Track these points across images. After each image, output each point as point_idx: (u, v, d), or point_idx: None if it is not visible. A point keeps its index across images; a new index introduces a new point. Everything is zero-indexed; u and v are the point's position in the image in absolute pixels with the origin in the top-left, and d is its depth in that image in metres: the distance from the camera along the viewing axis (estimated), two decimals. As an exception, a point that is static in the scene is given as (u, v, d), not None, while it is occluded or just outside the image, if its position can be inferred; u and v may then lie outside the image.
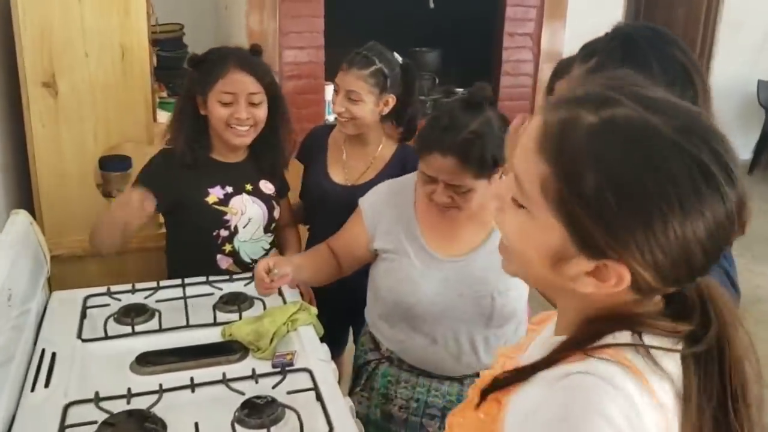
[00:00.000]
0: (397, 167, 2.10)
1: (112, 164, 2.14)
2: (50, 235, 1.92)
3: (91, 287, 1.85)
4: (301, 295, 1.90)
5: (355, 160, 2.14)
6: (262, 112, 1.89)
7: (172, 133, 1.91)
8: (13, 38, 1.86)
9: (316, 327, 1.71)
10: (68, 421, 1.32)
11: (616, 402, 0.68)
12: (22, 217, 1.73)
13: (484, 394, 0.82)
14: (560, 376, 0.72)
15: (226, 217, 1.91)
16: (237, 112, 1.84)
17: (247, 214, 1.94)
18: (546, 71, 4.35)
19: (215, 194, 1.91)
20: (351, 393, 1.83)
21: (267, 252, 2.01)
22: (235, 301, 1.77)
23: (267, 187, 1.99)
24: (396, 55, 2.09)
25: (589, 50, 1.13)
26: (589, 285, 0.72)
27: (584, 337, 0.74)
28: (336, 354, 2.00)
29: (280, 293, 1.81)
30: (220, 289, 1.86)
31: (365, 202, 1.77)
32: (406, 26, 4.21)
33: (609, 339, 0.73)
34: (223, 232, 1.92)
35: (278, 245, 2.12)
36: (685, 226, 0.66)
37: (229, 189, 1.92)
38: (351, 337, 2.36)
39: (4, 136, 2.01)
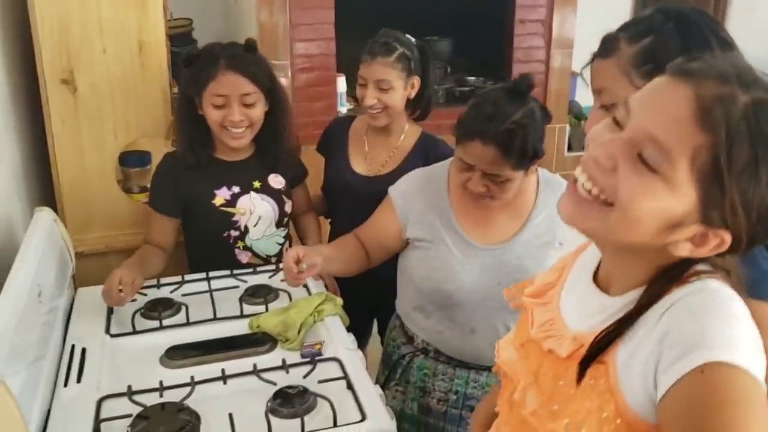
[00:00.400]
0: (419, 157, 2.09)
1: (132, 160, 2.14)
2: (72, 232, 1.92)
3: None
4: (326, 286, 1.90)
5: (377, 151, 2.13)
6: (257, 112, 1.84)
7: (175, 134, 1.90)
8: (31, 36, 1.86)
9: (342, 317, 1.71)
10: (103, 415, 1.33)
11: (740, 305, 0.75)
12: (46, 214, 1.74)
13: (585, 363, 0.82)
14: (671, 302, 0.77)
15: (235, 218, 1.90)
16: (230, 114, 1.79)
17: (256, 213, 1.92)
18: (557, 58, 4.33)
19: (222, 196, 1.89)
20: (385, 388, 1.81)
21: (282, 246, 2.00)
22: (261, 293, 1.78)
23: (277, 181, 1.97)
24: (408, 36, 2.08)
25: (641, 29, 1.08)
26: (685, 249, 0.77)
27: (676, 272, 0.79)
28: (360, 345, 1.99)
29: (305, 285, 1.81)
30: (245, 281, 1.87)
31: (396, 190, 1.75)
32: (416, 15, 4.18)
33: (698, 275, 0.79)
34: (234, 233, 1.91)
35: (297, 233, 2.11)
36: None
37: (236, 189, 1.91)
38: (375, 329, 2.36)
39: (24, 134, 2.02)
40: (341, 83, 3.95)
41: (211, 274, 1.89)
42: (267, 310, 1.71)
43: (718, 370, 0.70)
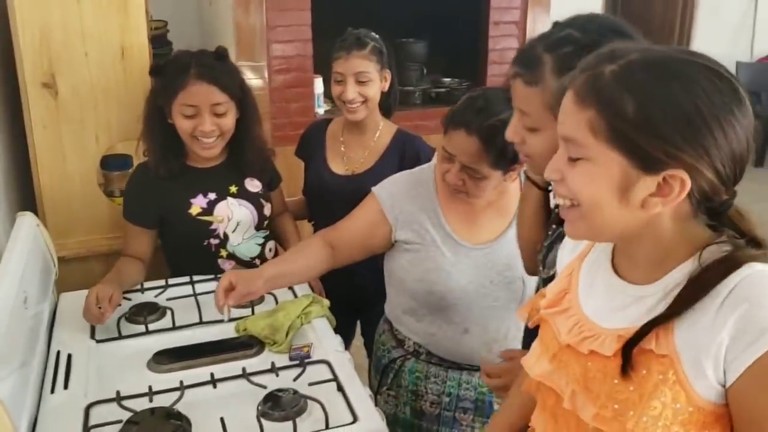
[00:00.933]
0: (396, 153, 2.13)
1: (113, 163, 2.13)
2: (54, 236, 1.90)
3: (96, 288, 1.85)
4: (311, 288, 1.91)
5: (354, 150, 2.16)
6: (228, 121, 1.82)
7: (145, 144, 1.86)
8: (12, 39, 1.84)
9: (329, 319, 1.72)
10: (92, 422, 1.33)
11: None
12: (29, 219, 1.73)
13: (628, 348, 0.86)
14: (728, 290, 0.81)
15: (213, 227, 1.88)
16: (201, 124, 1.77)
17: (234, 219, 1.90)
18: (532, 58, 4.38)
19: (198, 204, 1.87)
20: (377, 393, 1.82)
21: (262, 246, 1.99)
22: (247, 297, 1.77)
23: (253, 185, 1.96)
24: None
25: (566, 60, 1.09)
26: (656, 204, 0.83)
27: (729, 266, 0.82)
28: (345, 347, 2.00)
29: (291, 288, 1.82)
30: (230, 285, 1.86)
31: (383, 191, 1.73)
32: (392, 17, 4.20)
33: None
34: (213, 241, 1.90)
35: (276, 236, 2.11)
36: (720, 115, 0.80)
37: (212, 195, 1.89)
38: (358, 330, 2.37)
39: (5, 138, 1.99)
40: (318, 84, 3.95)
41: (195, 277, 1.89)
42: (253, 313, 1.71)
43: None
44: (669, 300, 0.85)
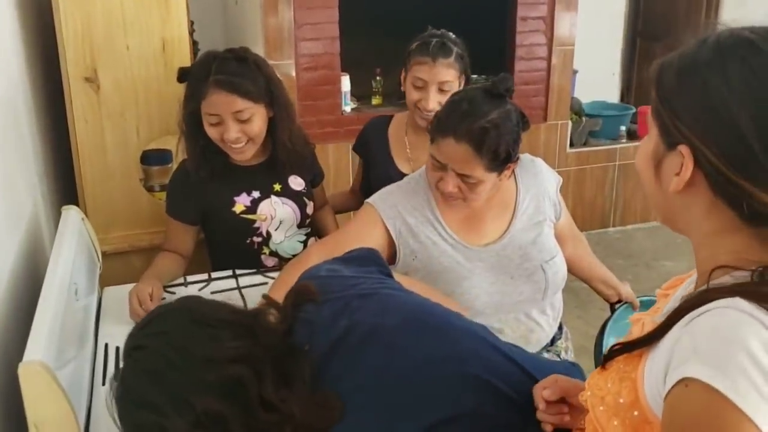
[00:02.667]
0: None
1: (154, 158, 2.13)
2: (96, 231, 1.90)
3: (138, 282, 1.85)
4: None
5: (419, 151, 2.11)
6: (254, 126, 1.77)
7: (185, 147, 1.84)
8: (55, 34, 1.85)
9: None
10: (145, 413, 1.32)
11: (758, 334, 0.70)
12: (74, 213, 1.73)
13: (608, 357, 0.86)
14: (700, 313, 0.75)
15: (256, 225, 1.88)
16: (225, 132, 1.74)
17: (277, 218, 1.90)
18: (559, 54, 4.36)
19: (242, 203, 1.86)
20: None
21: (304, 243, 1.99)
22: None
23: (296, 182, 1.95)
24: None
25: None
26: (674, 182, 0.82)
27: (716, 295, 0.76)
28: None
29: None
30: (272, 277, 1.86)
31: (383, 203, 1.67)
32: (417, 13, 4.19)
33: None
34: (256, 239, 1.89)
35: (316, 230, 2.10)
36: (739, 99, 0.76)
37: (256, 194, 1.88)
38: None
39: (48, 133, 2.01)
40: (345, 82, 3.95)
41: (238, 271, 1.88)
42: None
43: (700, 389, 0.69)
44: None
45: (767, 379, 0.68)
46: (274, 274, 1.87)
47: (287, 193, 1.92)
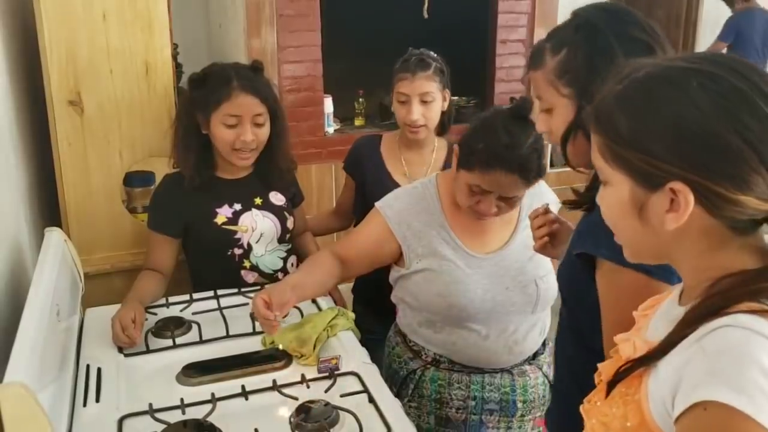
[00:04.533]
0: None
1: (136, 180, 2.14)
2: (78, 252, 1.91)
3: (120, 303, 1.85)
4: (334, 301, 1.92)
5: (415, 166, 2.20)
6: (265, 132, 1.88)
7: (177, 156, 1.89)
8: (39, 57, 1.87)
9: (354, 332, 1.73)
10: (126, 434, 1.33)
11: (766, 349, 0.72)
12: (57, 234, 1.74)
13: (612, 385, 0.87)
14: (704, 334, 0.76)
15: (237, 236, 1.91)
16: (242, 134, 1.82)
17: (258, 230, 1.93)
18: (539, 77, 4.42)
19: (223, 214, 1.90)
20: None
21: (285, 260, 2.02)
22: (272, 311, 1.79)
23: (277, 198, 1.99)
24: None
25: (557, 41, 1.22)
26: (671, 221, 0.81)
27: (717, 304, 0.78)
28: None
29: (314, 301, 1.83)
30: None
31: (389, 209, 1.75)
32: (400, 36, 4.24)
33: (742, 307, 0.77)
34: (237, 251, 1.92)
35: (298, 255, 2.12)
36: (715, 123, 0.77)
37: (238, 206, 1.92)
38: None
39: (31, 155, 2.02)
40: (328, 104, 3.99)
41: (219, 292, 1.90)
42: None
43: (720, 410, 0.71)
44: None
45: None
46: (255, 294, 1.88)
47: (268, 206, 1.96)
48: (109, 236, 2.04)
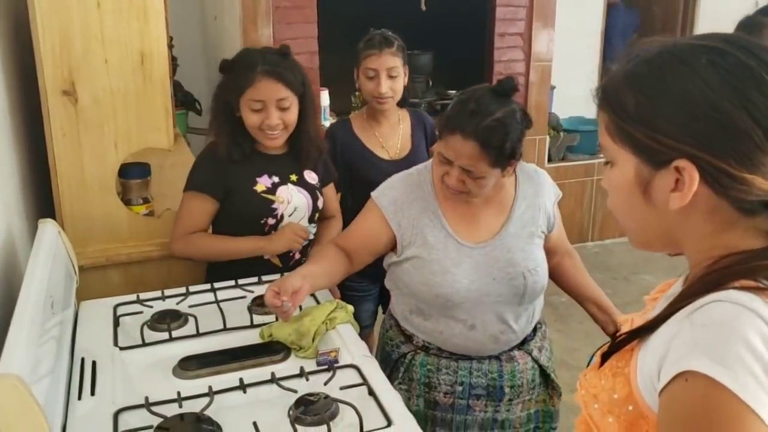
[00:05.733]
0: (420, 130, 2.42)
1: (132, 171, 2.12)
2: (73, 245, 1.88)
3: (115, 296, 1.84)
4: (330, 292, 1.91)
5: (390, 138, 2.42)
6: (292, 115, 1.93)
7: (214, 135, 1.96)
8: (32, 47, 1.84)
9: (353, 325, 1.71)
10: (121, 427, 1.31)
11: (756, 327, 0.71)
12: (50, 226, 1.71)
13: (606, 357, 0.87)
14: (695, 308, 0.76)
15: (274, 206, 1.96)
16: (267, 118, 1.89)
17: (293, 203, 2.00)
18: (536, 70, 4.40)
19: (263, 183, 1.97)
20: None
21: (310, 242, 2.06)
22: (270, 303, 1.77)
23: (311, 177, 2.07)
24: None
25: None
26: (676, 200, 0.81)
27: (713, 280, 0.78)
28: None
29: (312, 294, 1.81)
30: (251, 291, 1.86)
31: (384, 198, 1.77)
32: (398, 29, 4.22)
33: (737, 284, 0.76)
34: (271, 221, 1.97)
35: (318, 235, 2.15)
36: (720, 99, 0.76)
37: (276, 179, 1.99)
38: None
39: (25, 146, 1.99)
40: (324, 97, 3.96)
41: (216, 285, 1.88)
42: (277, 319, 1.70)
43: (700, 382, 0.70)
44: None
45: (766, 371, 0.69)
46: (253, 287, 1.87)
47: (302, 183, 2.04)
48: (104, 228, 2.01)
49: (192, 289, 1.87)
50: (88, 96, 1.90)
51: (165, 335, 1.65)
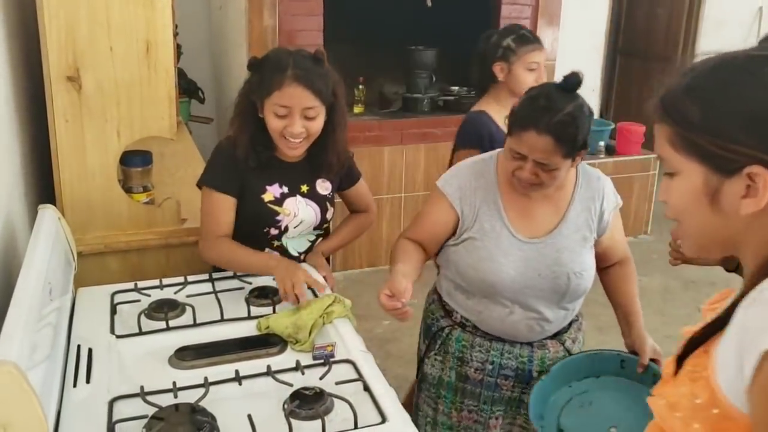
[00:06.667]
0: None
1: (134, 160, 2.12)
2: (72, 231, 1.88)
3: (113, 284, 1.83)
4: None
5: None
6: (317, 125, 1.83)
7: (234, 133, 1.87)
8: (38, 32, 1.84)
9: (350, 319, 1.71)
10: (116, 416, 1.31)
11: None
12: (50, 212, 1.72)
13: (681, 359, 0.88)
14: (760, 290, 0.78)
15: (279, 218, 1.91)
16: (291, 125, 1.78)
17: (299, 216, 1.93)
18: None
19: (272, 192, 1.90)
20: (425, 356, 1.97)
21: (312, 243, 2.03)
22: (267, 295, 1.77)
23: (324, 187, 1.98)
24: None
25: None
26: (748, 206, 0.82)
27: None
28: None
29: (310, 287, 1.81)
30: (249, 283, 1.86)
31: (449, 186, 1.82)
32: (403, 25, 4.22)
33: None
34: (273, 231, 1.92)
35: (345, 223, 2.16)
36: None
37: (285, 189, 1.92)
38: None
39: (27, 131, 1.99)
40: (328, 90, 3.95)
41: (215, 275, 1.88)
42: (274, 311, 1.71)
43: None
44: None
45: None
46: (251, 279, 1.87)
47: (312, 195, 1.96)
48: (104, 216, 2.01)
49: (190, 278, 1.88)
50: (93, 83, 1.90)
51: (162, 324, 1.65)
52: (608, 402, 1.76)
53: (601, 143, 4.82)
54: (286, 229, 1.94)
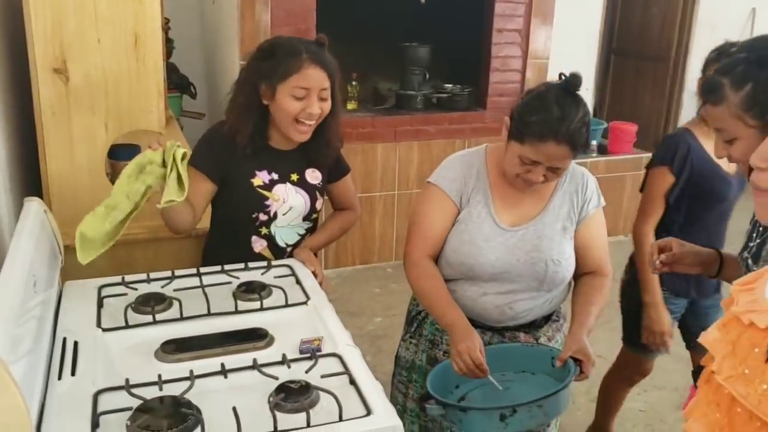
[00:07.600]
0: None
1: (122, 153, 2.10)
2: (59, 224, 1.87)
3: (101, 277, 1.83)
4: (315, 275, 1.91)
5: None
6: (328, 107, 1.89)
7: (233, 121, 1.90)
8: (24, 23, 1.82)
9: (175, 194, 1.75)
10: (100, 408, 1.30)
11: None
12: (36, 204, 1.71)
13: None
14: None
15: (268, 203, 1.94)
16: (309, 106, 1.84)
17: (288, 203, 1.97)
18: (533, 67, 4.40)
19: (261, 178, 1.93)
20: (402, 340, 2.02)
21: (302, 237, 2.04)
22: (255, 289, 1.76)
23: (314, 176, 2.02)
24: None
25: (739, 76, 1.37)
26: None
27: None
28: None
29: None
30: (237, 277, 1.85)
31: (443, 180, 1.84)
32: (397, 21, 4.21)
33: None
34: (262, 216, 1.94)
35: (328, 221, 2.15)
36: None
37: (275, 176, 1.95)
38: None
39: (13, 124, 1.98)
40: (320, 85, 3.95)
41: (203, 270, 1.88)
42: (262, 306, 1.70)
43: None
44: None
45: None
46: (239, 273, 1.87)
47: (302, 184, 1.99)
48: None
49: (177, 272, 1.86)
50: (80, 75, 1.89)
51: (149, 318, 1.64)
52: (523, 388, 1.71)
53: (594, 142, 4.84)
54: (275, 215, 1.95)
